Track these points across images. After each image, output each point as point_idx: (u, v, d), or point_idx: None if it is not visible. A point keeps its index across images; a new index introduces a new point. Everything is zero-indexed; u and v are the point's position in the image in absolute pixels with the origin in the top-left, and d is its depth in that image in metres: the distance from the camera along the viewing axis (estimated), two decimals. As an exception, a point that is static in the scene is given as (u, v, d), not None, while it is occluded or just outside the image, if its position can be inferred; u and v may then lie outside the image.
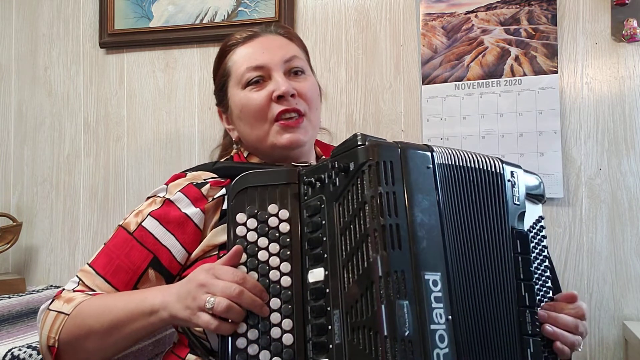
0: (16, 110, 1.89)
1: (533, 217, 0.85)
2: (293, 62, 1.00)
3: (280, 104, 0.95)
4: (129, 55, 1.80)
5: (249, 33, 1.02)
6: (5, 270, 1.85)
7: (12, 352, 1.01)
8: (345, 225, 0.70)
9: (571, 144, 1.46)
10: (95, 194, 1.80)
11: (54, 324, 0.84)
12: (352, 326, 0.65)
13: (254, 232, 0.75)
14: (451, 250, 0.71)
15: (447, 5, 1.55)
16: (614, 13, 1.45)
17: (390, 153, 0.70)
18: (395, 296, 0.63)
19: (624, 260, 1.42)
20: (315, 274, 0.71)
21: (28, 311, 1.37)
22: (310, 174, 0.77)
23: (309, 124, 0.99)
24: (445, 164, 0.76)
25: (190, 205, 0.90)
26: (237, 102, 1.00)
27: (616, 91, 1.45)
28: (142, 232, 0.90)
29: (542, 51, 1.47)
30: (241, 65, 0.99)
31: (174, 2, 1.73)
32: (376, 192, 0.67)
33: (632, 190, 1.42)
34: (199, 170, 0.98)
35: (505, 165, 0.82)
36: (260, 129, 0.97)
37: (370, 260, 0.65)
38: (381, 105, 1.59)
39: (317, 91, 1.04)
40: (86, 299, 0.84)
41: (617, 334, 1.41)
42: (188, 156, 1.73)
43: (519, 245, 0.79)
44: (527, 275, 0.78)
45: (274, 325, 0.70)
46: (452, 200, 0.75)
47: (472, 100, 1.52)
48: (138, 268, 0.88)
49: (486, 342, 0.72)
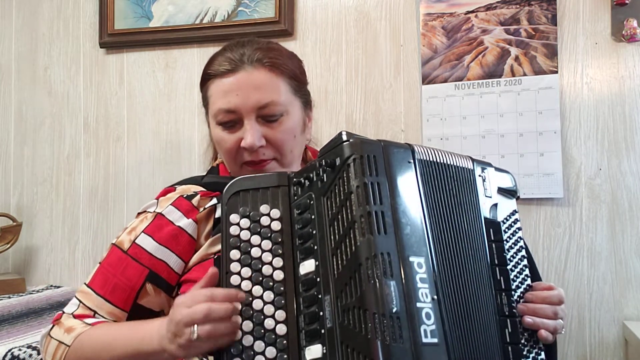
0: (16, 110, 1.89)
1: (507, 210, 0.91)
2: (268, 109, 0.94)
3: (248, 153, 0.95)
4: (129, 55, 1.80)
5: (229, 67, 0.95)
6: (5, 270, 1.85)
7: (12, 352, 1.01)
8: (334, 216, 0.73)
9: (571, 144, 1.46)
10: (95, 194, 1.80)
11: (55, 354, 0.86)
12: (342, 308, 0.68)
13: (247, 231, 0.78)
14: (433, 236, 0.75)
15: (447, 5, 1.55)
16: (614, 13, 1.45)
17: (374, 148, 0.74)
18: (382, 276, 0.66)
19: (624, 260, 1.42)
20: (306, 266, 0.74)
21: (28, 311, 1.37)
22: (299, 174, 0.81)
23: (278, 165, 0.98)
24: (425, 159, 0.80)
25: (182, 217, 0.92)
26: (213, 134, 1.01)
27: (616, 91, 1.45)
28: (136, 249, 0.91)
29: (542, 51, 1.47)
30: (215, 102, 0.97)
31: (174, 2, 1.73)
32: (361, 182, 0.71)
33: (632, 190, 1.42)
34: (188, 183, 0.99)
35: (476, 163, 0.89)
36: (231, 165, 1.00)
37: (357, 244, 0.68)
38: (381, 105, 1.59)
39: (295, 130, 0.99)
40: (86, 330, 0.85)
41: (617, 334, 1.41)
42: (188, 156, 1.73)
43: (492, 233, 0.85)
44: (501, 261, 0.84)
45: (267, 316, 0.73)
46: (431, 193, 0.79)
47: (472, 100, 1.52)
48: (135, 284, 0.89)
49: (468, 322, 0.76)
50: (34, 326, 1.22)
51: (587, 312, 1.42)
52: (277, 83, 0.96)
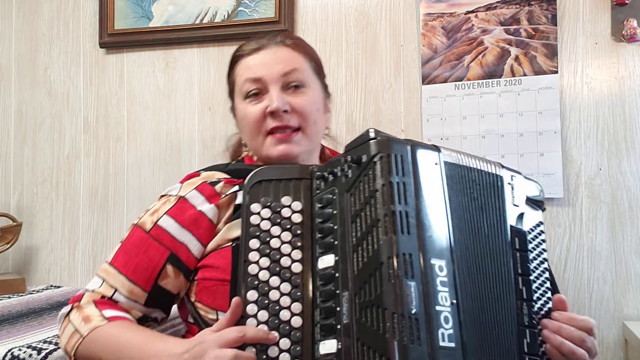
0: (16, 110, 1.89)
1: (533, 221, 0.88)
2: (291, 75, 1.00)
3: (273, 119, 0.98)
4: (129, 55, 1.80)
5: (256, 45, 1.03)
6: (5, 270, 1.85)
7: (12, 352, 1.01)
8: (356, 213, 0.72)
9: (571, 144, 1.46)
10: (95, 194, 1.80)
11: (70, 340, 0.87)
12: (360, 306, 0.67)
13: (268, 221, 0.79)
14: (455, 240, 0.74)
15: (447, 5, 1.55)
16: (614, 13, 1.45)
17: (401, 147, 0.74)
18: (403, 276, 0.65)
19: (624, 260, 1.42)
20: (325, 261, 0.74)
21: (28, 311, 1.37)
22: (323, 169, 0.81)
23: (303, 137, 1.00)
24: (451, 162, 0.79)
25: (204, 202, 0.94)
26: (238, 111, 1.05)
27: (616, 91, 1.45)
28: (158, 230, 0.92)
29: (542, 51, 1.47)
30: (242, 76, 1.02)
31: (174, 2, 1.73)
32: (387, 180, 0.70)
33: (632, 190, 1.42)
34: (212, 170, 1.01)
35: (505, 170, 0.87)
36: (256, 140, 1.01)
37: (380, 243, 0.68)
38: (381, 105, 1.59)
39: (317, 104, 1.04)
40: (102, 326, 0.86)
41: (617, 334, 1.41)
42: (188, 156, 1.73)
43: (517, 242, 0.83)
44: (525, 271, 0.82)
45: (283, 308, 0.73)
46: (457, 196, 0.78)
47: (472, 100, 1.52)
48: (157, 265, 0.91)
49: (487, 329, 0.74)
50: (34, 326, 1.22)
51: (587, 312, 1.42)
52: (299, 59, 1.03)
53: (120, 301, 0.91)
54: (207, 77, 1.72)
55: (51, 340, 1.09)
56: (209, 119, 1.71)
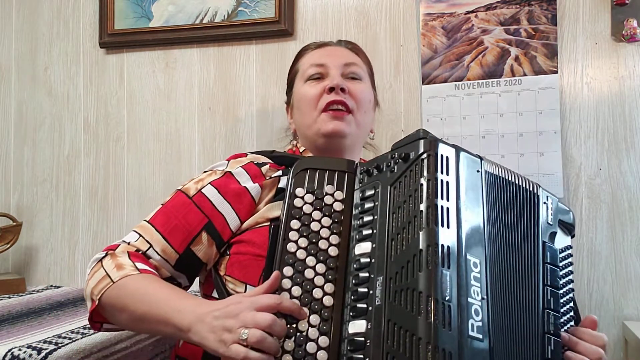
0: (16, 110, 1.89)
1: (563, 243, 0.91)
2: (351, 67, 1.12)
3: (330, 95, 1.06)
4: (129, 55, 1.80)
5: (321, 43, 1.20)
6: (5, 270, 1.85)
7: (12, 352, 1.01)
8: (398, 205, 0.75)
9: (571, 144, 1.46)
10: (95, 194, 1.80)
11: (99, 284, 0.88)
12: (394, 289, 0.70)
13: (310, 205, 0.82)
14: (489, 243, 0.77)
15: (447, 5, 1.55)
16: (614, 13, 1.45)
17: (448, 150, 0.77)
18: (440, 265, 0.67)
19: (624, 260, 1.42)
20: (362, 247, 0.77)
21: (28, 311, 1.37)
22: (369, 163, 0.84)
23: (354, 120, 1.08)
24: (491, 172, 0.82)
25: (249, 180, 0.99)
26: (297, 94, 1.14)
27: (616, 91, 1.45)
28: (201, 197, 0.97)
29: (542, 51, 1.47)
30: (306, 63, 1.14)
31: (174, 2, 1.73)
32: (432, 176, 0.73)
33: (632, 190, 1.42)
34: (258, 154, 1.07)
35: (542, 190, 0.90)
36: (310, 116, 1.08)
37: (420, 232, 0.70)
38: (381, 105, 1.59)
39: (369, 97, 1.14)
40: (133, 274, 0.86)
41: (617, 334, 1.41)
42: (188, 156, 1.73)
43: (549, 256, 0.86)
44: (554, 283, 0.85)
45: (316, 286, 0.76)
46: (494, 204, 0.81)
47: (472, 100, 1.52)
48: (193, 230, 0.94)
49: (513, 328, 0.77)
50: (34, 326, 1.22)
51: (587, 312, 1.42)
52: (358, 59, 1.17)
53: (152, 257, 0.93)
54: (207, 77, 1.72)
55: (51, 340, 1.09)
56: (209, 119, 1.71)
